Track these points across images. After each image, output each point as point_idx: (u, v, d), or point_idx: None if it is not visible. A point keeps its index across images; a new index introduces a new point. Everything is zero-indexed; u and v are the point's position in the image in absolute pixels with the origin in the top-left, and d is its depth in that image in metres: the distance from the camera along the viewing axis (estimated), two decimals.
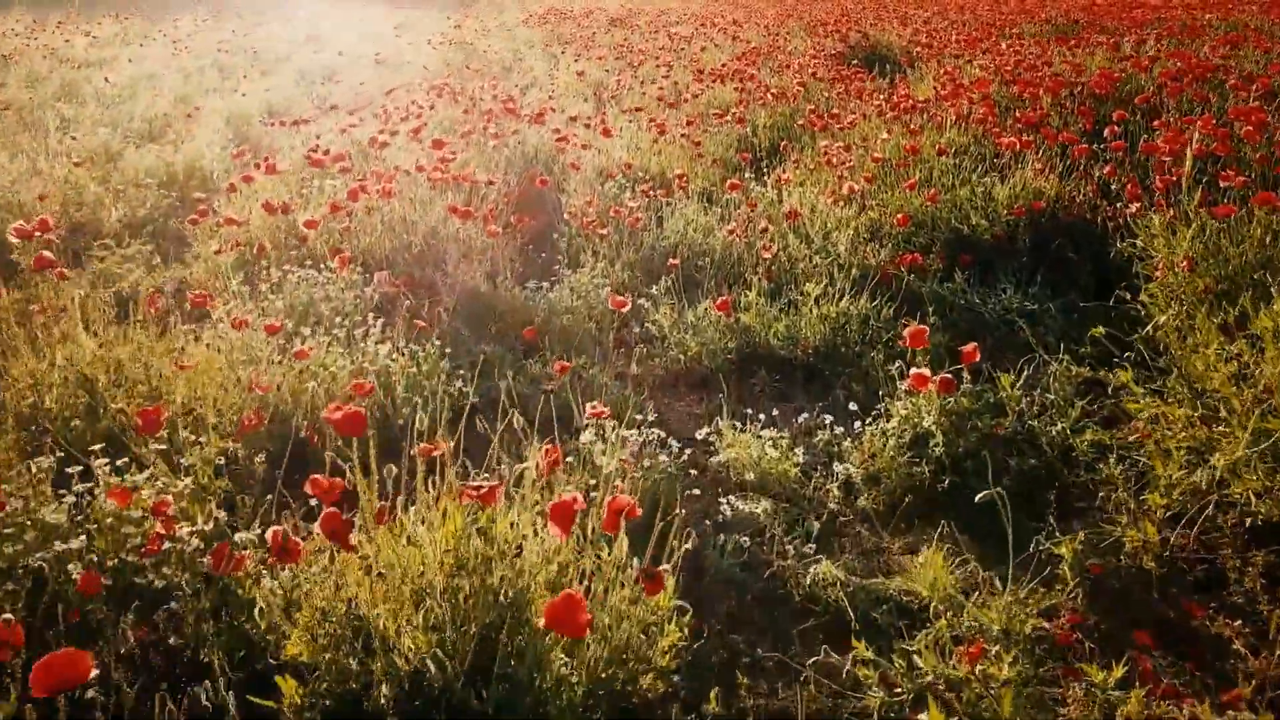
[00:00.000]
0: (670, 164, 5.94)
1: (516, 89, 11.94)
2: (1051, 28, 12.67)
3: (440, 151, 4.94)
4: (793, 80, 8.67)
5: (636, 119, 6.88)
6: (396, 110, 6.47)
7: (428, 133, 6.23)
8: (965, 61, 8.34)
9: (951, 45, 9.35)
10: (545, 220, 4.97)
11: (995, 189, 4.76)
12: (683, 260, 4.45)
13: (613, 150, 6.12)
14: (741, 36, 13.46)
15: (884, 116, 6.10)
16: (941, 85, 6.82)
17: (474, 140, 5.70)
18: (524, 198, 5.13)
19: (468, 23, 19.65)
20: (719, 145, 6.50)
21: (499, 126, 6.13)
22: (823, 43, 10.98)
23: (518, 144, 5.86)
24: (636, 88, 9.27)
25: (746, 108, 7.42)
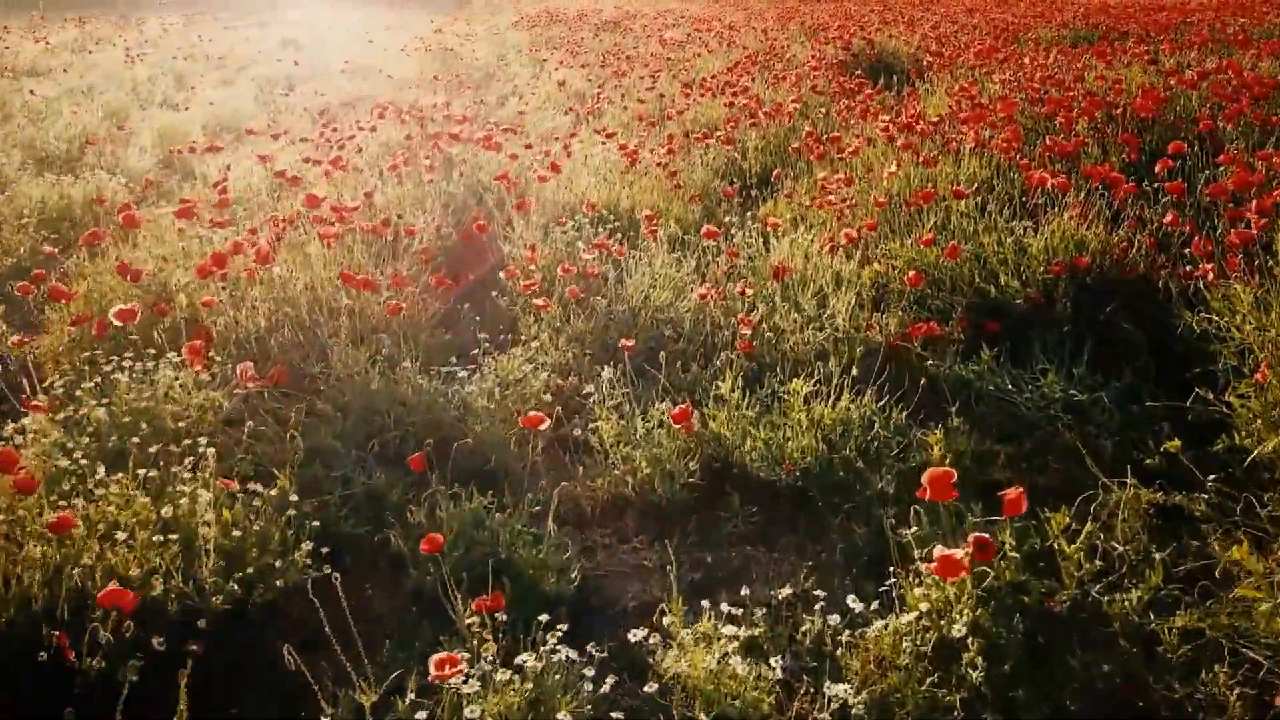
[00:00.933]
0: (642, 199, 5.10)
1: (495, 98, 11.13)
2: (1070, 33, 11.81)
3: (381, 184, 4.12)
4: (789, 94, 7.82)
5: (611, 143, 6.03)
6: (334, 132, 5.64)
7: (365, 158, 5.40)
8: (982, 74, 7.48)
9: (965, 54, 8.50)
10: (485, 275, 4.13)
11: (1028, 239, 3.91)
12: (646, 330, 3.61)
13: (578, 181, 5.28)
14: (738, 42, 12.62)
15: (891, 139, 5.25)
16: (956, 102, 5.97)
17: (412, 172, 4.86)
18: (460, 247, 4.30)
19: (454, 25, 18.83)
20: (702, 174, 5.66)
21: (446, 153, 5.29)
22: (823, 50, 10.14)
23: (463, 176, 5.02)
24: (618, 101, 8.44)
25: (736, 126, 6.58)
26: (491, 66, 13.84)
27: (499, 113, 9.88)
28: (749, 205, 5.84)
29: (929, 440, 2.82)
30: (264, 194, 4.65)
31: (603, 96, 8.78)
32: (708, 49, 12.01)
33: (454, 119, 6.08)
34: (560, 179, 5.24)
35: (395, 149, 5.47)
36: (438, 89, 10.30)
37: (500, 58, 14.69)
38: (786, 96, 7.81)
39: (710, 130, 7.17)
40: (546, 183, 4.79)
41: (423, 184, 4.75)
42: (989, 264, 3.86)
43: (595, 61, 12.26)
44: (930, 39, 10.56)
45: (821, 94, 7.69)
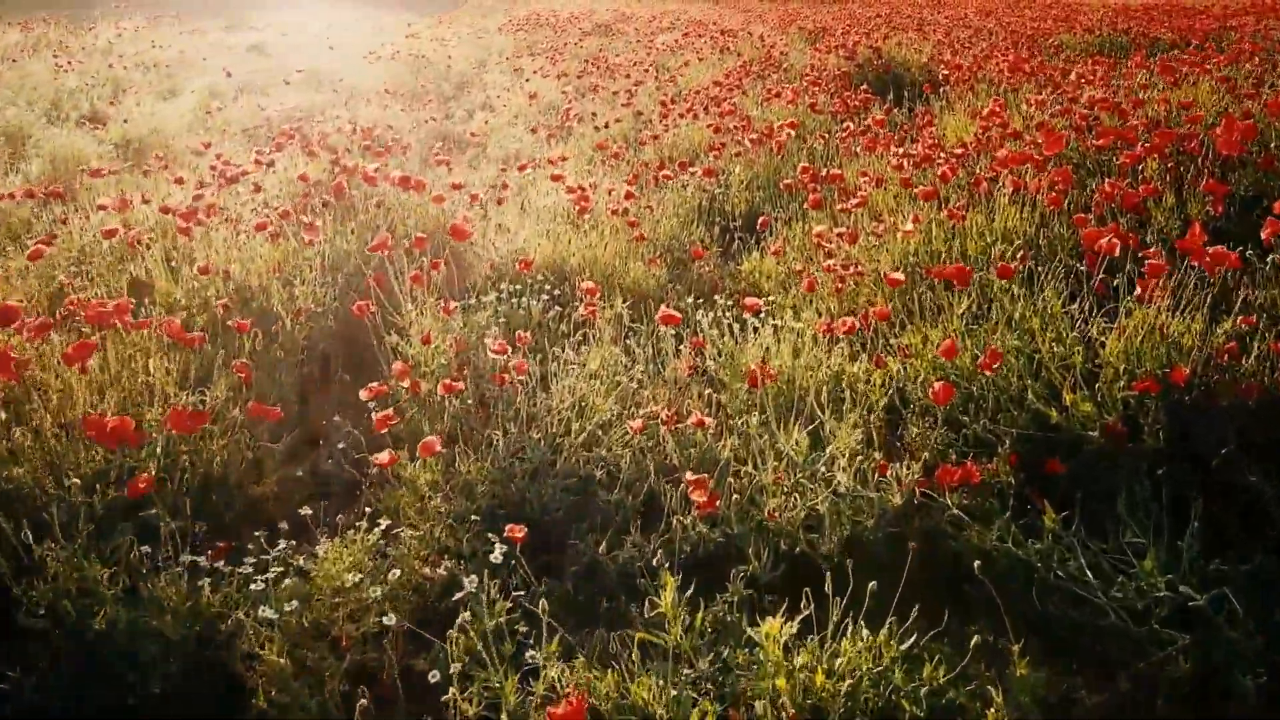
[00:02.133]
0: (596, 254, 4.05)
1: (465, 110, 10.11)
2: (1096, 39, 10.75)
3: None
4: (784, 113, 6.77)
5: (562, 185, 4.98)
6: (227, 166, 4.59)
7: (257, 203, 4.36)
8: (1010, 90, 6.43)
9: (987, 66, 7.43)
10: (367, 376, 3.08)
11: (1099, 335, 2.86)
12: (569, 473, 2.57)
13: (518, 231, 4.24)
14: (732, 48, 11.57)
15: (907, 182, 4.20)
16: (984, 129, 4.92)
17: (296, 223, 3.81)
18: (344, 333, 3.26)
19: (434, 29, 17.80)
20: (669, 224, 4.60)
21: (352, 195, 4.25)
22: (825, 59, 9.07)
23: (370, 227, 3.98)
24: (589, 120, 7.39)
25: (721, 154, 5.54)
26: (468, 73, 12.81)
27: (463, 127, 8.86)
28: (730, 254, 4.80)
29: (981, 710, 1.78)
30: (108, 254, 3.61)
31: (573, 113, 7.74)
32: (699, 56, 10.96)
33: (376, 149, 5.03)
34: (493, 230, 4.20)
35: (299, 189, 4.43)
36: (393, 101, 9.26)
37: (481, 63, 13.66)
38: (781, 116, 6.75)
39: (691, 157, 6.12)
40: (469, 239, 3.75)
41: (330, 237, 3.70)
42: (1046, 373, 2.81)
43: (577, 70, 11.23)
44: (944, 46, 9.49)
45: (821, 113, 6.63)
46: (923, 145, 4.77)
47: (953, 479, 2.46)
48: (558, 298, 3.67)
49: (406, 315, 3.13)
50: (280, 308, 3.14)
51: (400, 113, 8.46)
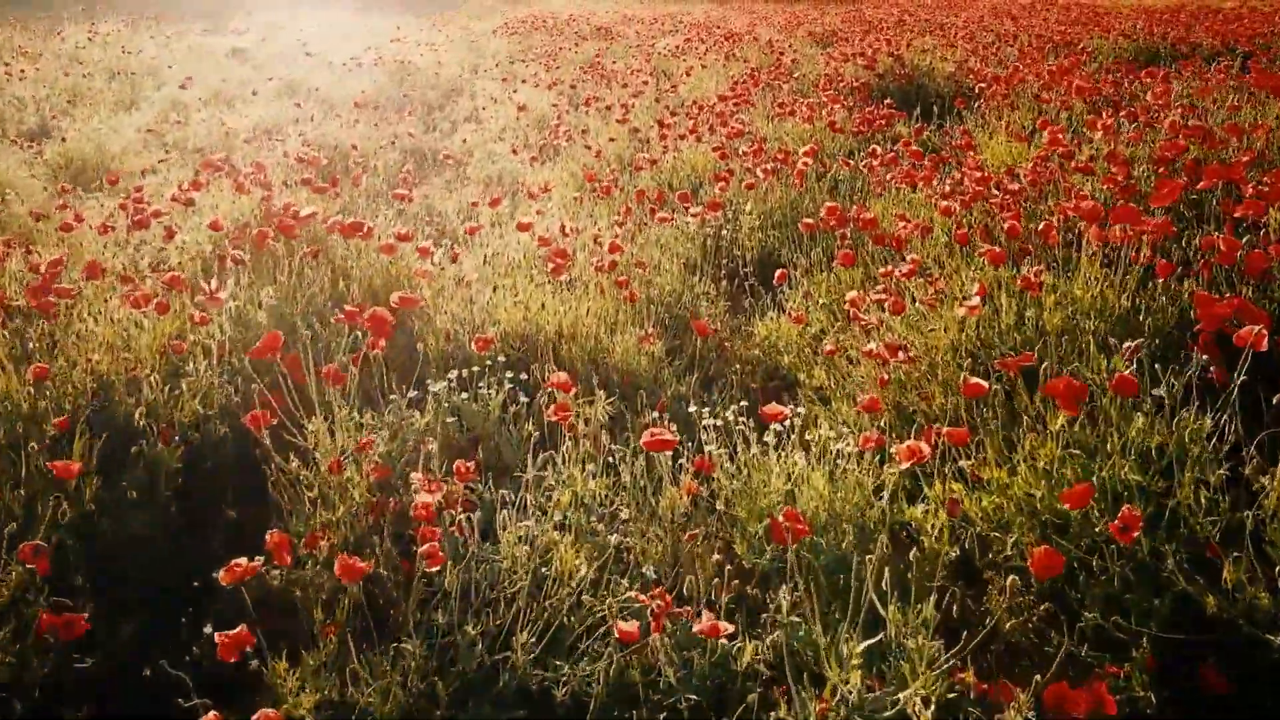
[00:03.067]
0: (575, 321, 3.27)
1: (450, 123, 9.33)
2: (1130, 45, 9.94)
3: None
4: (800, 131, 5.98)
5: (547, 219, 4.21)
6: (140, 205, 3.80)
7: (151, 261, 3.59)
8: (1058, 108, 5.63)
9: (1023, 75, 6.63)
10: (262, 519, 2.30)
11: (1261, 479, 2.06)
12: (521, 686, 1.79)
13: (483, 288, 3.46)
14: (738, 54, 10.78)
15: (959, 226, 3.42)
16: (1043, 159, 4.13)
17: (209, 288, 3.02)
18: (240, 455, 2.48)
19: (427, 33, 17.02)
20: (672, 267, 3.83)
21: (272, 250, 3.47)
22: (841, 68, 8.27)
23: (282, 292, 3.20)
24: (580, 139, 6.61)
25: (728, 183, 4.75)
26: (458, 81, 12.03)
27: (446, 143, 8.08)
28: (740, 305, 4.03)
29: None
30: None
31: (564, 130, 6.95)
32: (702, 63, 10.17)
33: (318, 184, 4.24)
34: (451, 286, 3.42)
35: (214, 237, 3.65)
36: (370, 113, 8.48)
37: (473, 69, 12.88)
38: (796, 136, 5.96)
39: (694, 186, 5.33)
40: (416, 306, 2.97)
41: (240, 305, 2.92)
42: (1188, 529, 2.02)
43: (572, 77, 10.45)
44: (972, 55, 8.68)
45: (842, 131, 5.84)
46: (970, 180, 3.97)
47: (1078, 709, 1.68)
48: (525, 383, 2.89)
49: (313, 430, 2.34)
50: (146, 418, 2.35)
51: (373, 128, 7.68)
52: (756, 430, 2.44)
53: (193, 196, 3.82)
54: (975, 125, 6.25)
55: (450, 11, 23.43)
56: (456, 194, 6.17)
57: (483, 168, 6.79)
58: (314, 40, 15.98)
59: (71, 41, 12.85)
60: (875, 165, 4.55)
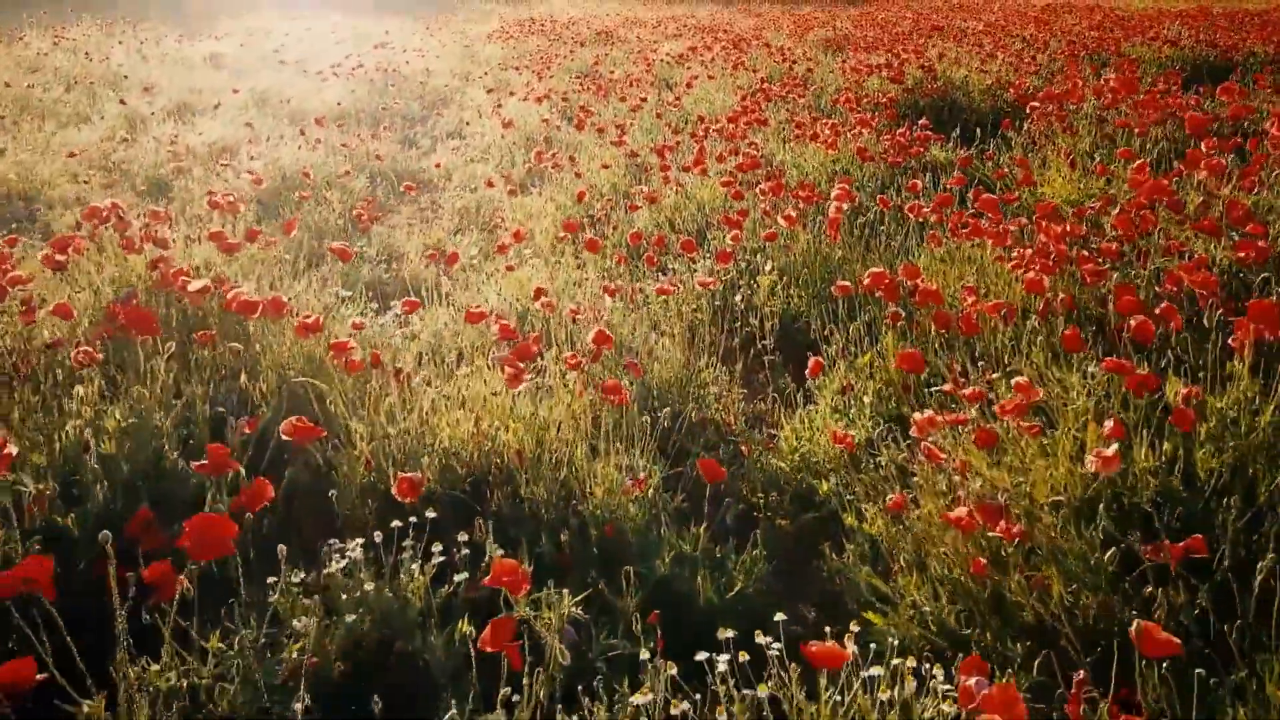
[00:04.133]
0: (543, 437, 2.44)
1: (431, 140, 8.51)
2: (1177, 54, 9.09)
3: None
4: (822, 158, 5.15)
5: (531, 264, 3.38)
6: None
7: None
8: (1128, 131, 4.79)
9: (1079, 92, 5.78)
10: None
11: None
12: None
13: (423, 392, 2.63)
14: (746, 62, 9.95)
15: (1070, 333, 2.59)
16: (1139, 207, 3.29)
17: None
18: None
19: (417, 37, 16.21)
20: (667, 367, 3.00)
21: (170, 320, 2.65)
22: (863, 80, 7.43)
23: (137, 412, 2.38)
24: (567, 165, 5.77)
25: (742, 228, 3.91)
26: (446, 90, 11.22)
27: (422, 164, 7.26)
28: (754, 389, 3.21)
29: None
30: None
31: (552, 153, 6.12)
32: (708, 73, 9.34)
33: (244, 223, 3.42)
34: (376, 384, 2.59)
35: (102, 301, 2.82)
36: (341, 128, 7.65)
37: (464, 76, 12.07)
38: (819, 163, 5.13)
39: (700, 228, 4.50)
40: (313, 439, 2.14)
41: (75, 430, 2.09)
42: None
43: (568, 87, 9.62)
44: (1008, 65, 7.81)
45: (873, 159, 5.00)
46: (1048, 236, 3.13)
47: None
48: (470, 540, 2.06)
49: (120, 670, 1.51)
50: None
51: (339, 147, 6.86)
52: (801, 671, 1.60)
53: (61, 260, 2.99)
54: (1025, 149, 5.41)
55: (447, 14, 22.63)
56: (421, 231, 5.34)
57: (459, 196, 5.96)
58: (299, 45, 15.18)
59: (35, 47, 12.04)
60: (923, 209, 3.70)
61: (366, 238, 5.03)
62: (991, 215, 3.12)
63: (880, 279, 2.92)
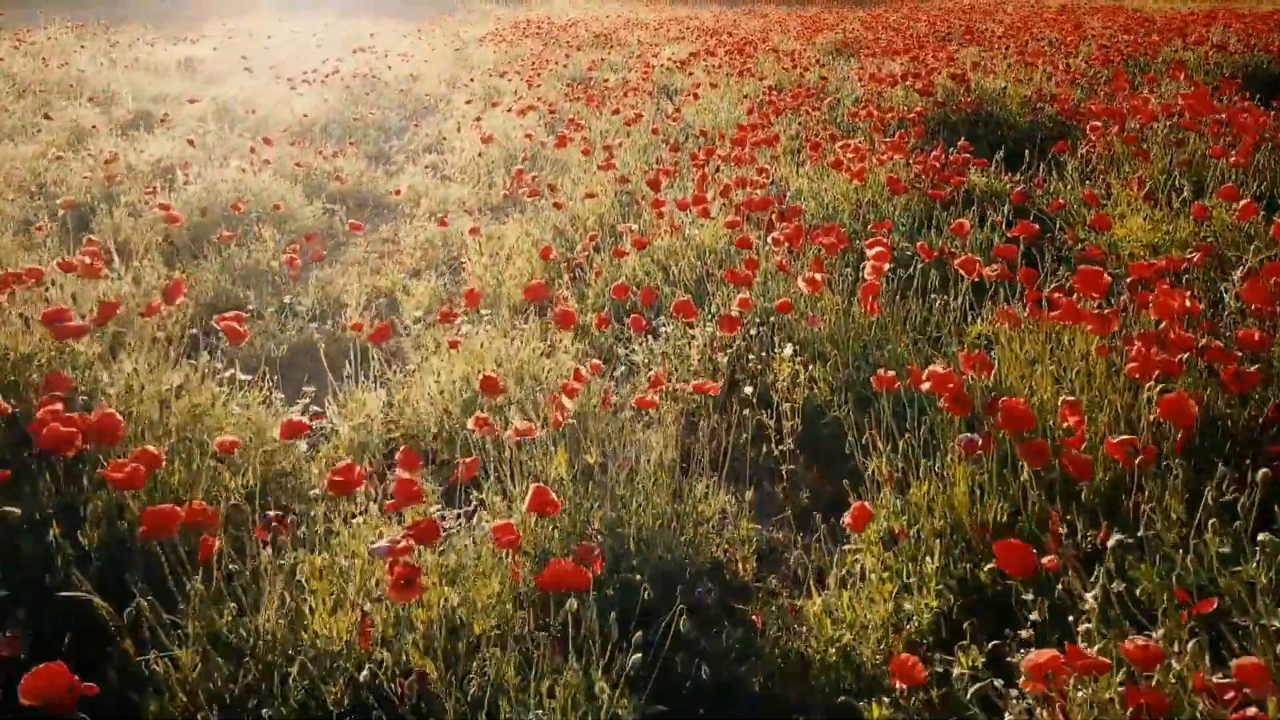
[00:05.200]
0: (454, 648, 1.64)
1: (406, 155, 7.72)
2: (1225, 59, 8.26)
3: None
4: (845, 187, 4.34)
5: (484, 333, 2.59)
6: None
7: None
8: (1221, 158, 3.97)
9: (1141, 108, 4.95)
10: None
11: None
12: None
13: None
14: (753, 69, 9.14)
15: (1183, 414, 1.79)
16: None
17: None
18: None
19: (406, 41, 15.43)
20: (642, 516, 2.20)
21: None
22: (884, 90, 6.61)
23: None
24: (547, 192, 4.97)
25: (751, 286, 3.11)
26: (431, 97, 10.44)
27: (389, 186, 6.47)
28: (766, 519, 2.43)
29: None
30: None
31: (530, 176, 5.32)
32: (710, 80, 8.54)
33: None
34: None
35: None
36: (306, 144, 6.85)
37: (451, 82, 11.30)
38: (841, 194, 4.33)
39: (699, 278, 3.70)
40: None
41: None
42: None
43: (560, 95, 8.82)
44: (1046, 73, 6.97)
45: (906, 189, 4.20)
46: (1162, 314, 2.32)
47: None
48: None
49: None
50: None
51: (294, 168, 6.06)
52: None
53: None
54: (1081, 175, 4.60)
55: (444, 16, 21.85)
56: (374, 273, 4.55)
57: (424, 226, 5.16)
58: (283, 48, 14.40)
59: None
60: (977, 265, 2.89)
61: (305, 282, 4.24)
62: (1092, 293, 2.32)
63: (943, 383, 2.12)
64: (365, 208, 6.07)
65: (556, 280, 3.96)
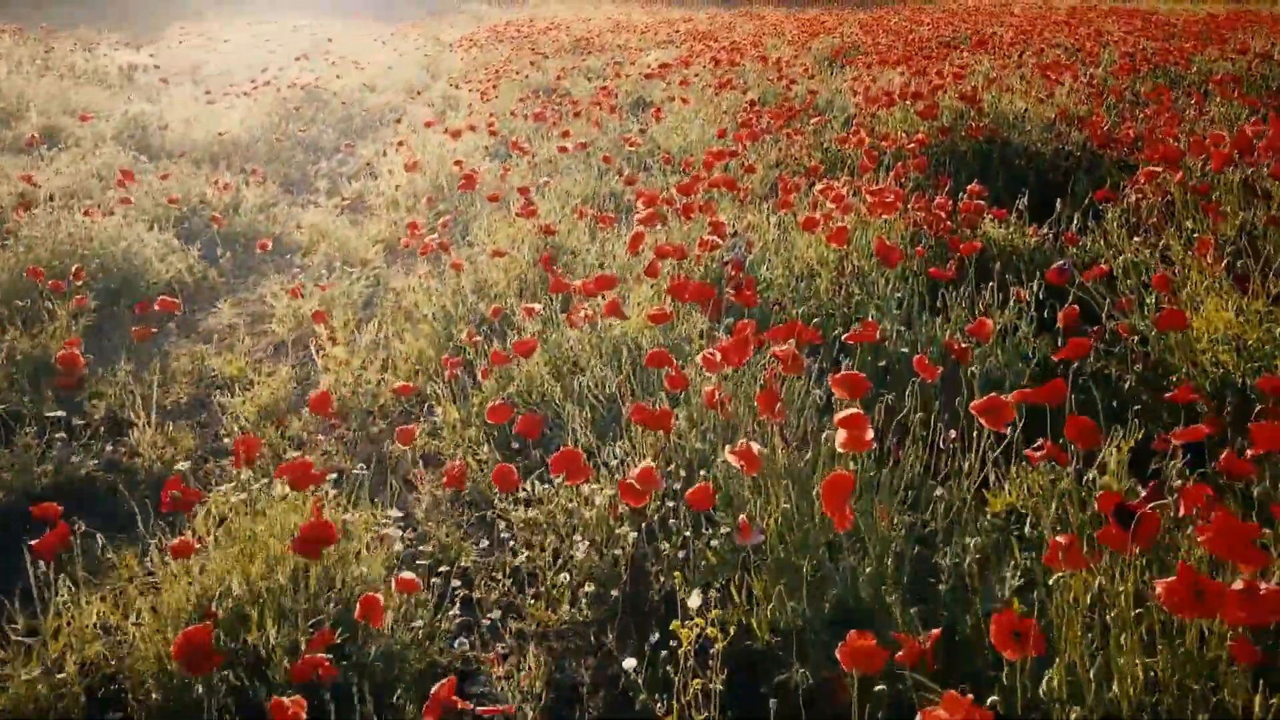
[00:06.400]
0: None
1: (327, 181, 6.73)
2: (1272, 70, 7.24)
3: None
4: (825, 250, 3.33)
5: None
6: None
7: None
8: None
9: (1218, 149, 3.94)
10: None
11: None
12: None
13: None
14: (735, 82, 8.13)
15: None
16: None
17: None
18: None
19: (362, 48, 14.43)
20: None
21: None
22: (880, 111, 5.59)
23: None
24: (472, 239, 3.96)
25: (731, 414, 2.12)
26: (383, 110, 9.44)
27: (295, 220, 5.46)
28: None
29: None
30: None
31: (414, 238, 4.31)
32: (683, 96, 7.53)
33: None
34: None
35: None
36: (209, 169, 5.83)
37: (416, 92, 10.30)
38: (818, 258, 3.33)
39: (612, 401, 2.69)
40: None
41: None
42: None
43: (512, 108, 7.81)
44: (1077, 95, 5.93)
45: (904, 256, 3.18)
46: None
47: None
48: None
49: None
50: None
51: (166, 204, 5.04)
52: None
53: None
54: (1127, 227, 3.59)
55: (436, 18, 20.85)
56: (208, 359, 3.54)
57: (296, 303, 4.13)
58: (234, 55, 13.40)
59: None
60: (1008, 411, 1.87)
61: (108, 377, 3.24)
62: (1235, 541, 1.31)
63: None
64: (255, 257, 5.06)
65: (435, 380, 2.96)
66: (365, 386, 3.02)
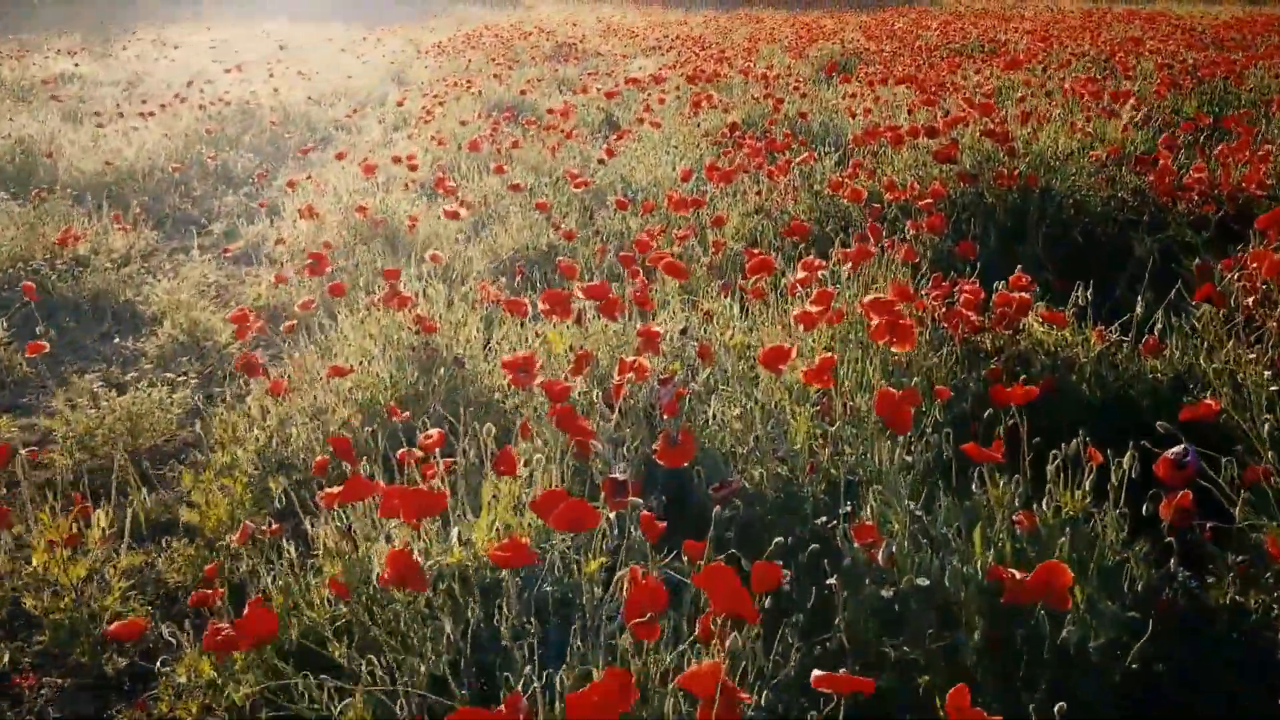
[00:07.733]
0: None
1: (228, 219, 5.68)
2: None
3: None
4: (804, 392, 2.27)
5: None
6: None
7: None
8: None
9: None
10: None
11: None
12: None
13: None
14: (720, 100, 7.05)
15: None
16: None
17: None
18: None
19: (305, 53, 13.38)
20: None
21: None
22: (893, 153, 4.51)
23: None
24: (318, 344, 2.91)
25: None
26: (327, 128, 8.41)
27: (155, 280, 4.43)
28: None
29: None
30: None
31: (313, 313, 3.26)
32: (653, 120, 6.48)
33: None
34: None
35: None
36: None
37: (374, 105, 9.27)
38: (795, 398, 2.27)
39: None
40: None
41: None
42: None
43: (459, 130, 6.75)
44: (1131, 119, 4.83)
45: (912, 417, 2.11)
46: None
47: None
48: None
49: None
50: None
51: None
52: None
53: None
54: (1227, 331, 2.53)
55: (407, 23, 19.80)
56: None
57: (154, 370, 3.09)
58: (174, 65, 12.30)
59: None
60: None
61: None
62: None
63: None
64: (94, 331, 3.99)
65: (216, 582, 1.91)
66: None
